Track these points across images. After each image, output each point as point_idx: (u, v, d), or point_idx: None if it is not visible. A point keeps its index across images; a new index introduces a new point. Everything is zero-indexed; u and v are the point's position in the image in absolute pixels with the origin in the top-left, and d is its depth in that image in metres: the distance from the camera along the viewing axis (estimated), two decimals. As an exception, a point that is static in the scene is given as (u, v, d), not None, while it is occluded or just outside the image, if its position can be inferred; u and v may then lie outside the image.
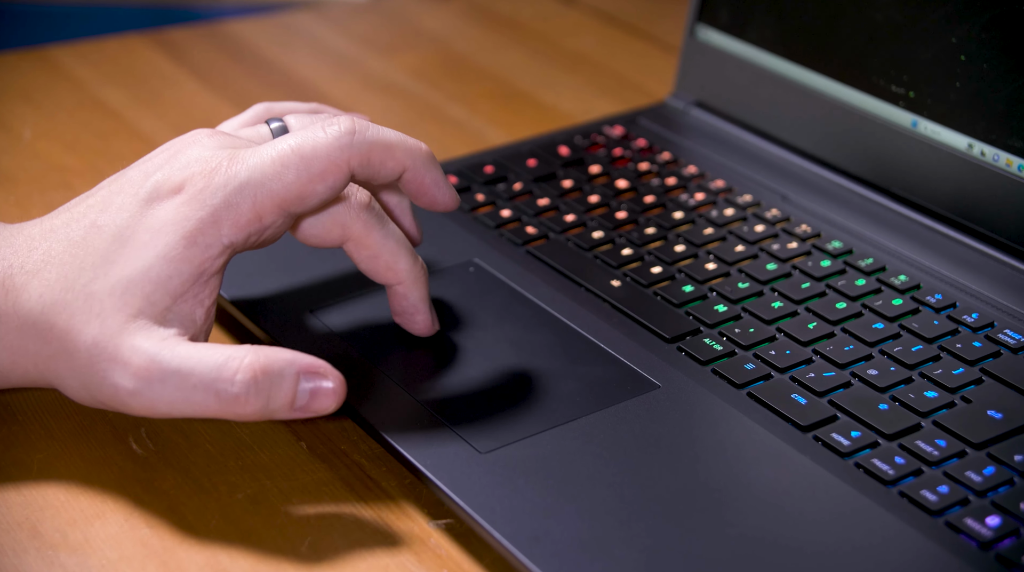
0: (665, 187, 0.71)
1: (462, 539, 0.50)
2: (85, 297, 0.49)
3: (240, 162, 0.50)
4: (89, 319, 0.49)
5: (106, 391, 0.49)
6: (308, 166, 0.50)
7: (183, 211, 0.50)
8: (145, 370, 0.48)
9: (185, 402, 0.49)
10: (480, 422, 0.53)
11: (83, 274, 0.50)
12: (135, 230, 0.50)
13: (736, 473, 0.51)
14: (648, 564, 0.47)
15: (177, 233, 0.50)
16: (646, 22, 1.00)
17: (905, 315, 0.59)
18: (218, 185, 0.50)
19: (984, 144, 0.63)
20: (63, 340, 0.49)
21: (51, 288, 0.50)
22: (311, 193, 0.51)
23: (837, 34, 0.70)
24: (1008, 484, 0.50)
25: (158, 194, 0.50)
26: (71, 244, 0.51)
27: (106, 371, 0.49)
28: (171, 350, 0.49)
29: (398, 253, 0.54)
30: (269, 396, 0.49)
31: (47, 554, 0.49)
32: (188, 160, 0.51)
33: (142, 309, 0.49)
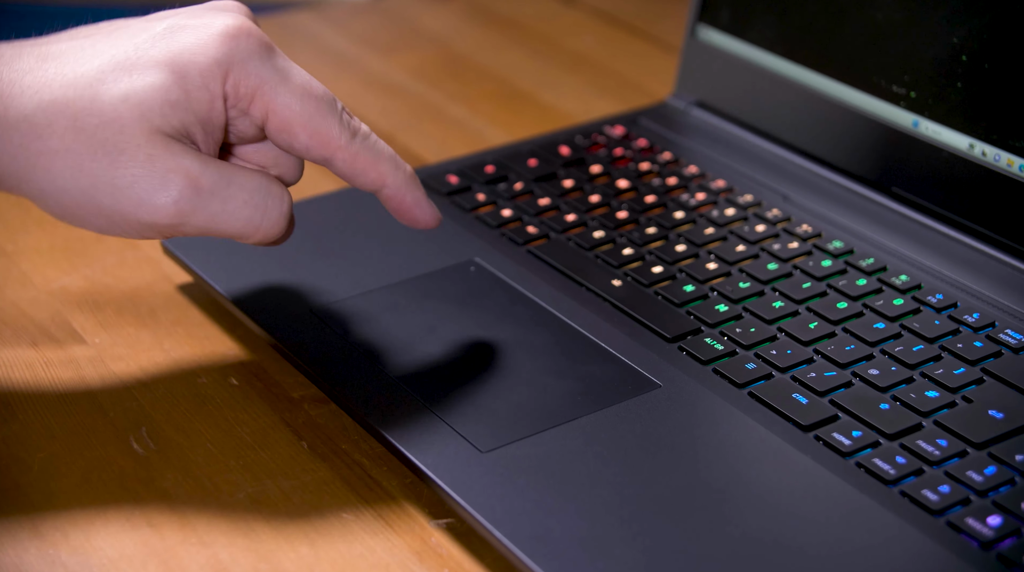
0: (666, 187, 0.71)
1: (463, 538, 0.50)
2: (92, 97, 0.48)
3: (270, 47, 0.51)
4: (104, 123, 0.48)
5: (129, 197, 0.48)
6: (313, 118, 0.51)
7: (204, 44, 0.50)
8: (194, 181, 0.49)
9: (228, 217, 0.50)
10: (481, 421, 0.53)
11: (88, 73, 0.49)
12: (153, 46, 0.49)
13: (737, 473, 0.51)
14: (648, 564, 0.47)
15: (195, 63, 0.49)
16: (646, 22, 1.00)
17: (906, 315, 0.59)
18: (246, 46, 0.50)
19: (985, 144, 0.63)
20: (69, 139, 0.48)
21: (50, 85, 0.48)
22: (299, 130, 0.51)
23: (838, 34, 0.70)
24: (1009, 484, 0.50)
25: (179, 26, 0.50)
26: (77, 48, 0.50)
27: (136, 178, 0.48)
28: (215, 164, 0.49)
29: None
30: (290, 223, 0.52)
31: (48, 553, 0.49)
32: (216, 14, 0.51)
33: (160, 126, 0.49)
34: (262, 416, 0.57)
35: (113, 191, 0.48)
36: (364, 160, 0.52)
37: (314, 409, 0.57)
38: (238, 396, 0.58)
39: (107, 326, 0.62)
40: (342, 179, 0.53)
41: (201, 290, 0.65)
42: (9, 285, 0.65)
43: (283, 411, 0.57)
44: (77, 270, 0.67)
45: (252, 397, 0.58)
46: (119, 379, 0.59)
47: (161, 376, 0.59)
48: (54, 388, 0.58)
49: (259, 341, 0.61)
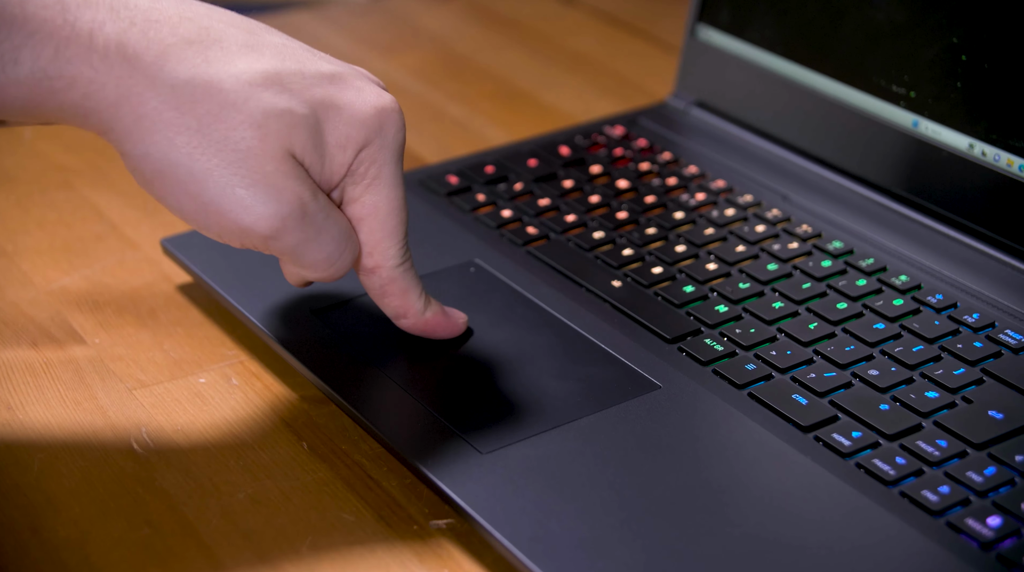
0: (666, 187, 0.71)
1: (463, 539, 0.50)
2: (247, 98, 0.49)
3: (401, 148, 0.53)
4: (249, 122, 0.49)
5: (239, 197, 0.49)
6: (395, 226, 0.53)
7: (363, 111, 0.52)
8: (302, 208, 0.50)
9: (314, 248, 0.51)
10: (481, 422, 0.53)
11: (252, 69, 0.50)
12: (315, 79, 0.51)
13: (737, 473, 0.51)
14: (648, 564, 0.47)
15: (355, 120, 0.51)
16: (646, 22, 1.00)
17: (906, 315, 0.59)
18: (390, 127, 0.52)
19: (985, 144, 0.63)
20: (204, 122, 0.49)
21: (208, 64, 0.49)
22: (376, 229, 0.53)
23: (838, 34, 0.70)
24: (1009, 484, 0.50)
25: (345, 77, 0.52)
26: (237, 39, 0.51)
27: (254, 184, 0.49)
28: (325, 198, 0.51)
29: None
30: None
31: (48, 554, 0.49)
32: (375, 87, 0.53)
33: (294, 149, 0.50)
34: (262, 416, 0.57)
35: (225, 186, 0.49)
36: (397, 287, 0.55)
37: (314, 409, 0.57)
38: (238, 396, 0.58)
39: (107, 326, 0.62)
40: (369, 293, 0.55)
41: (201, 290, 0.65)
42: (9, 285, 0.65)
43: (283, 411, 0.57)
44: (77, 270, 0.67)
45: (252, 397, 0.58)
46: (119, 379, 0.59)
47: (161, 376, 0.59)
48: (54, 388, 0.58)
49: (259, 341, 0.61)
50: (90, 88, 0.48)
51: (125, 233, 0.70)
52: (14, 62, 0.47)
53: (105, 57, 0.48)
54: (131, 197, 0.74)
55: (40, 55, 0.47)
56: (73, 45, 0.47)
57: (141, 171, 0.49)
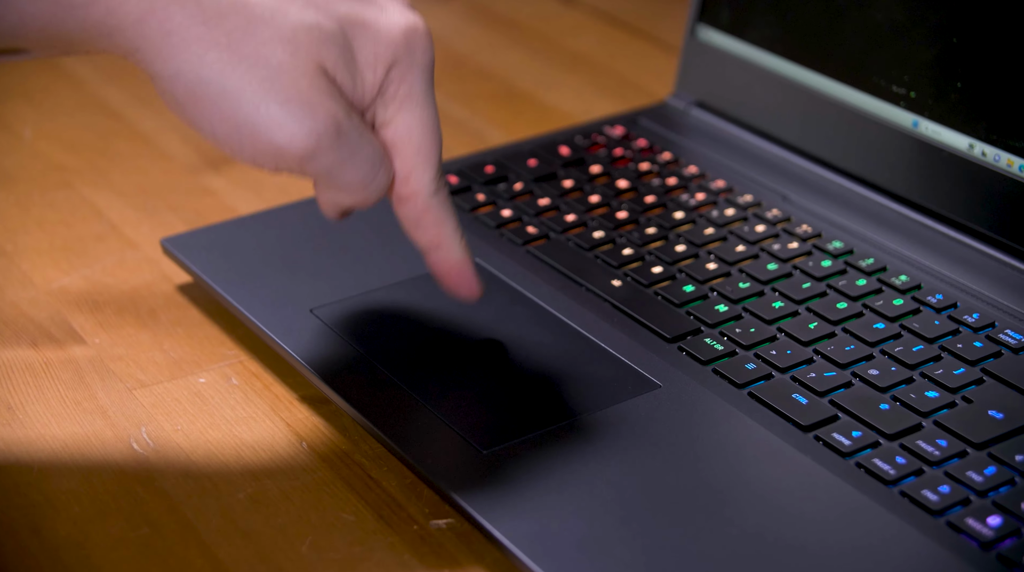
0: (666, 187, 0.71)
1: (463, 539, 0.50)
2: (274, 10, 0.48)
3: (432, 66, 0.52)
4: (278, 37, 0.47)
5: (271, 114, 0.47)
6: (429, 146, 0.51)
7: (390, 32, 0.50)
8: (335, 129, 0.48)
9: (350, 168, 0.49)
10: (481, 422, 0.53)
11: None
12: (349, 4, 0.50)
13: (737, 473, 0.51)
14: (648, 564, 0.47)
15: (379, 39, 0.50)
16: (646, 22, 1.00)
17: (906, 315, 0.59)
18: (418, 46, 0.51)
19: (985, 144, 0.63)
20: (233, 35, 0.47)
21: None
22: (412, 150, 0.52)
23: (838, 34, 0.70)
24: (1009, 484, 0.50)
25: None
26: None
27: (288, 102, 0.47)
28: (359, 118, 0.49)
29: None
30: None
31: (48, 553, 0.49)
32: (400, 7, 0.51)
33: (326, 65, 0.48)
34: (262, 416, 0.57)
35: (259, 103, 0.47)
36: (432, 217, 0.52)
37: (314, 409, 0.57)
38: (238, 396, 0.58)
39: (107, 326, 0.62)
40: (402, 225, 0.53)
41: (201, 290, 0.65)
42: (9, 285, 0.65)
43: (283, 411, 0.57)
44: (77, 270, 0.67)
45: (252, 397, 0.58)
46: (119, 379, 0.59)
47: (161, 376, 0.59)
48: (54, 388, 0.58)
49: (259, 341, 0.61)
50: (111, 3, 0.46)
51: (125, 233, 0.70)
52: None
53: None
54: (131, 197, 0.74)
55: None
56: None
57: (172, 93, 0.48)
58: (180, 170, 0.77)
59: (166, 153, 0.79)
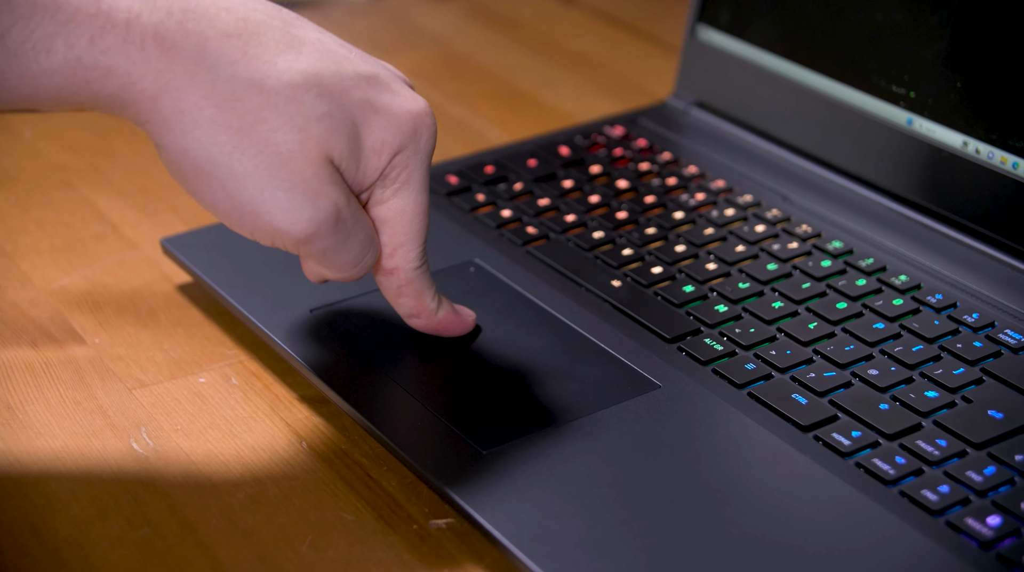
0: (665, 187, 0.71)
1: (463, 539, 0.50)
2: (288, 100, 0.49)
3: (430, 152, 0.53)
4: (289, 126, 0.49)
5: (276, 200, 0.49)
6: (418, 230, 0.54)
7: (397, 114, 0.52)
8: (337, 214, 0.50)
9: (343, 251, 0.51)
10: (481, 422, 0.53)
11: (293, 72, 0.49)
12: (355, 81, 0.51)
13: (737, 473, 0.51)
14: (648, 564, 0.47)
15: (391, 126, 0.52)
16: (646, 22, 1.00)
17: (906, 315, 0.59)
18: (424, 133, 0.52)
19: (979, 142, 0.63)
20: (245, 121, 0.48)
21: (248, 60, 0.48)
22: (402, 232, 0.54)
23: (837, 34, 0.70)
24: (1009, 484, 0.50)
25: (379, 79, 0.52)
26: (276, 33, 0.51)
27: (293, 189, 0.49)
28: (357, 204, 0.51)
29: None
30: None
31: (48, 553, 0.49)
32: (409, 92, 0.53)
33: (333, 154, 0.50)
34: (262, 416, 0.57)
35: (264, 187, 0.49)
36: (412, 289, 0.55)
37: (314, 409, 0.57)
38: (238, 396, 0.58)
39: (107, 326, 0.62)
40: (383, 292, 0.55)
41: (201, 290, 0.65)
42: (9, 285, 0.65)
43: (283, 411, 0.57)
44: (77, 270, 0.67)
45: (252, 397, 0.58)
46: (119, 379, 0.59)
47: (161, 376, 0.59)
48: (54, 388, 0.58)
49: (259, 341, 0.61)
50: (127, 79, 0.47)
51: (125, 233, 0.70)
52: (47, 51, 0.46)
53: (142, 48, 0.47)
54: (131, 197, 0.74)
55: (75, 44, 0.46)
56: (109, 35, 0.46)
57: (178, 166, 0.49)
58: (180, 170, 0.77)
59: (166, 153, 0.78)
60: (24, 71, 0.46)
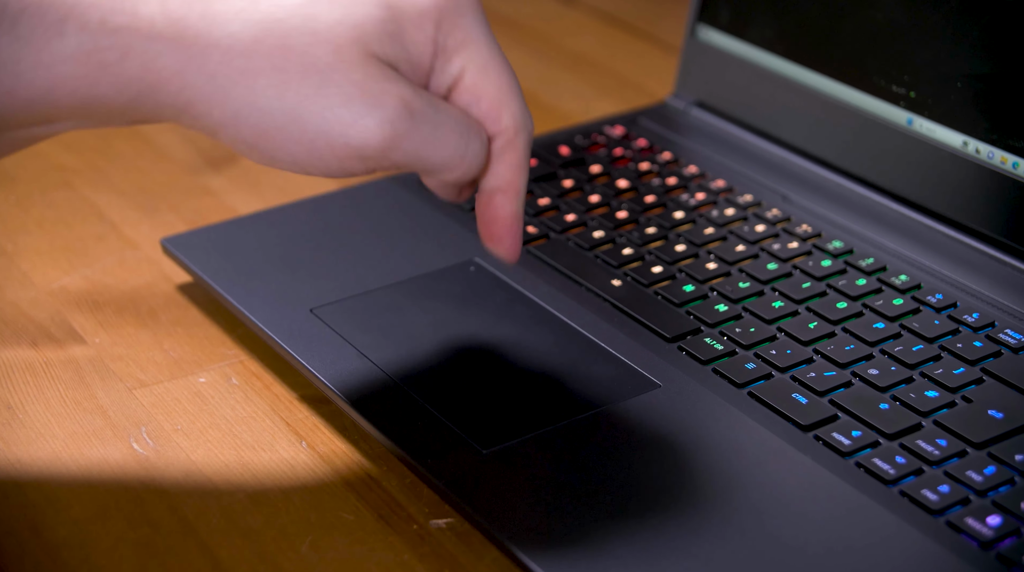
0: (666, 187, 0.71)
1: (463, 538, 0.50)
2: (305, 17, 0.46)
3: (483, 12, 0.50)
4: (316, 42, 0.46)
5: (339, 118, 0.46)
6: (502, 88, 0.50)
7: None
8: (405, 105, 0.46)
9: (437, 144, 0.47)
10: (481, 421, 0.53)
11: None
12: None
13: (737, 472, 0.51)
14: (648, 564, 0.47)
15: (415, 4, 0.48)
16: (646, 22, 1.00)
17: (906, 315, 0.59)
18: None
19: (979, 142, 0.63)
20: (276, 58, 0.46)
21: (256, 2, 0.47)
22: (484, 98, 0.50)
23: (837, 34, 0.70)
24: (1009, 484, 0.50)
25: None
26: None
27: (349, 97, 0.46)
28: (425, 93, 0.48)
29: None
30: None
31: (48, 553, 0.49)
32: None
33: (376, 52, 0.47)
34: (262, 416, 0.57)
35: (323, 111, 0.46)
36: (512, 158, 0.50)
37: (314, 409, 0.57)
38: (238, 396, 0.58)
39: (107, 326, 0.62)
40: (503, 174, 0.51)
41: (201, 290, 0.65)
42: (9, 285, 0.65)
43: (283, 411, 0.57)
44: (77, 270, 0.67)
45: (252, 397, 0.58)
46: (119, 379, 0.59)
47: (161, 376, 0.59)
48: (54, 388, 0.58)
49: (259, 341, 0.61)
50: (146, 57, 0.45)
51: (125, 233, 0.70)
52: (60, 34, 0.44)
53: (152, 25, 0.45)
54: (131, 197, 0.74)
55: (86, 25, 0.44)
56: (118, 14, 0.45)
57: (241, 137, 0.47)
58: (180, 170, 0.77)
59: (166, 153, 0.79)
60: (37, 60, 0.44)
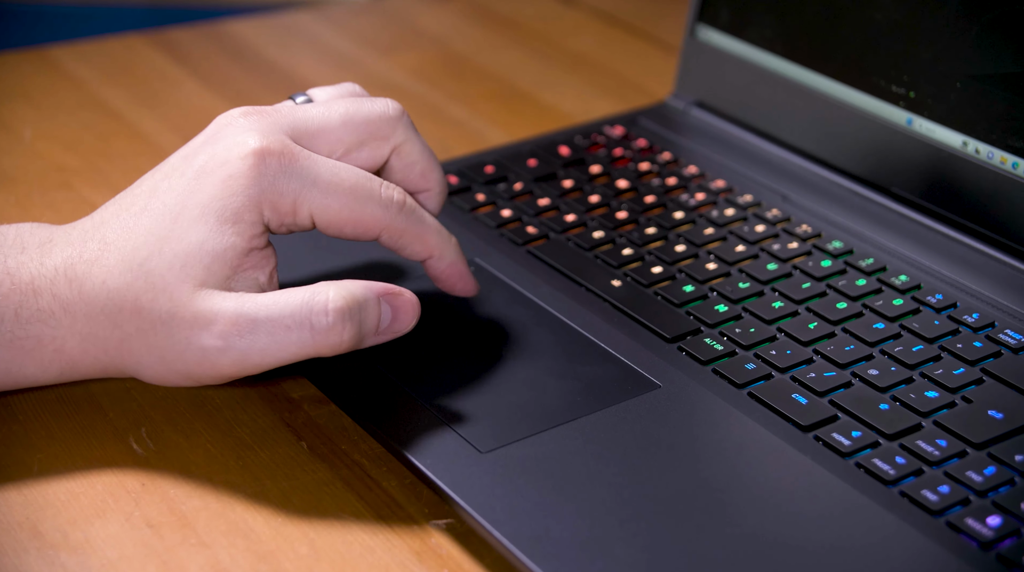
0: (665, 187, 0.71)
1: (463, 539, 0.50)
2: (145, 275, 0.51)
3: (293, 156, 0.52)
4: (156, 296, 0.51)
5: (191, 357, 0.51)
6: (353, 209, 0.53)
7: (231, 186, 0.51)
8: (233, 324, 0.50)
9: (279, 346, 0.51)
10: (480, 422, 0.53)
11: (139, 253, 0.51)
12: (185, 205, 0.51)
13: (737, 473, 0.51)
14: (648, 564, 0.47)
15: (227, 208, 0.51)
16: (646, 22, 1.00)
17: (906, 315, 0.59)
18: (271, 168, 0.52)
19: (979, 142, 0.63)
20: (135, 320, 0.51)
21: (111, 272, 0.51)
22: (343, 224, 0.54)
23: (837, 34, 0.70)
24: (1009, 484, 0.50)
25: (203, 171, 0.52)
26: (124, 229, 0.52)
27: (189, 337, 0.50)
28: (253, 301, 0.51)
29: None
30: (361, 321, 0.51)
31: (48, 554, 0.49)
32: (235, 140, 0.52)
33: (205, 280, 0.51)
34: (262, 416, 0.57)
35: (179, 356, 0.51)
36: (411, 234, 0.55)
37: (314, 409, 0.57)
38: (238, 396, 0.58)
39: (107, 326, 0.62)
40: (391, 250, 0.56)
41: (201, 290, 0.65)
42: (9, 285, 0.65)
43: (283, 411, 0.57)
44: (77, 270, 0.67)
45: (252, 397, 0.58)
46: (119, 379, 0.59)
47: (161, 376, 0.59)
48: (54, 388, 0.58)
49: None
50: (55, 344, 0.52)
51: (125, 233, 0.70)
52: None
53: (51, 314, 0.51)
54: (131, 197, 0.74)
55: (4, 318, 0.51)
56: (25, 307, 0.51)
57: (158, 377, 0.52)
58: (180, 170, 0.77)
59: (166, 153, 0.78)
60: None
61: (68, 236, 0.53)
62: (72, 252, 0.52)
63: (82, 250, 0.52)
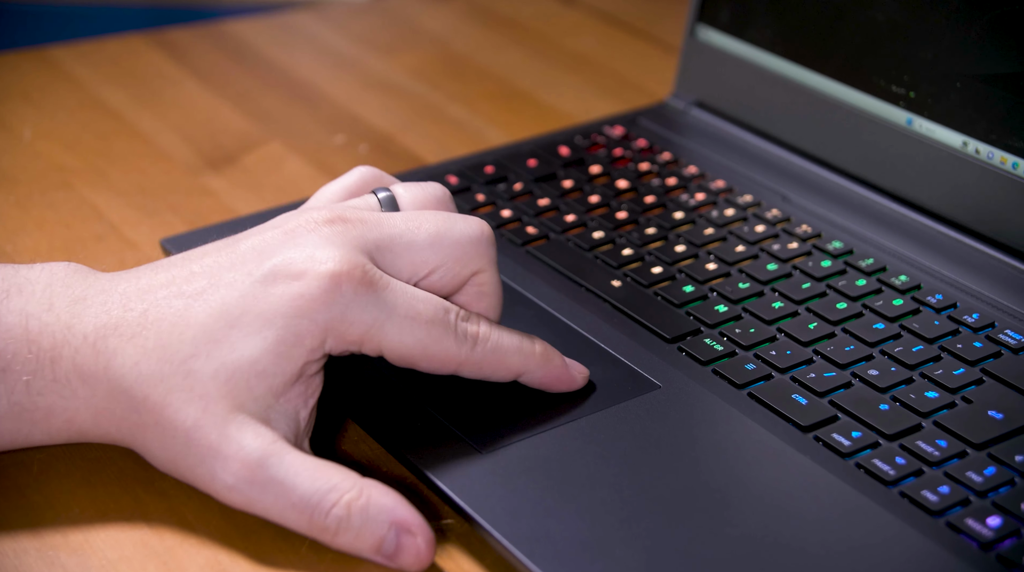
0: (665, 187, 0.71)
1: (462, 539, 0.50)
2: (185, 374, 0.47)
3: (371, 283, 0.49)
4: (189, 399, 0.47)
5: (201, 475, 0.48)
6: (427, 346, 0.50)
7: (300, 305, 0.48)
8: (249, 472, 0.47)
9: (280, 516, 0.48)
10: (480, 422, 0.53)
11: (183, 348, 0.48)
12: (245, 311, 0.48)
13: (737, 473, 0.51)
14: (648, 564, 0.47)
15: (289, 328, 0.48)
16: (646, 22, 1.00)
17: (906, 315, 0.59)
18: (345, 296, 0.48)
19: (979, 142, 0.63)
20: (157, 414, 0.48)
21: (148, 356, 0.48)
22: (416, 359, 0.51)
23: (837, 34, 0.70)
24: (1009, 484, 0.50)
25: (274, 278, 0.48)
26: (174, 313, 0.48)
27: (203, 458, 0.47)
28: (279, 457, 0.47)
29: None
30: (357, 534, 0.47)
31: (47, 554, 0.49)
32: (312, 254, 0.49)
33: (244, 403, 0.47)
34: (262, 416, 0.57)
35: (190, 469, 0.48)
36: (490, 364, 0.52)
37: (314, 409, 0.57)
38: (238, 396, 0.58)
39: (107, 326, 0.62)
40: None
41: (201, 290, 0.65)
42: (9, 285, 0.65)
43: (283, 411, 0.57)
44: (77, 270, 0.67)
45: (252, 397, 0.58)
46: (119, 379, 0.59)
47: (161, 376, 0.59)
48: (54, 388, 0.58)
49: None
50: (66, 415, 0.49)
51: (125, 233, 0.70)
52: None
53: (68, 384, 0.48)
54: (131, 197, 0.74)
55: (14, 389, 0.48)
56: (39, 377, 0.48)
57: (159, 465, 0.50)
58: (180, 170, 0.77)
59: (166, 153, 0.79)
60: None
61: (106, 298, 0.49)
62: (107, 321, 0.48)
63: (119, 320, 0.48)
